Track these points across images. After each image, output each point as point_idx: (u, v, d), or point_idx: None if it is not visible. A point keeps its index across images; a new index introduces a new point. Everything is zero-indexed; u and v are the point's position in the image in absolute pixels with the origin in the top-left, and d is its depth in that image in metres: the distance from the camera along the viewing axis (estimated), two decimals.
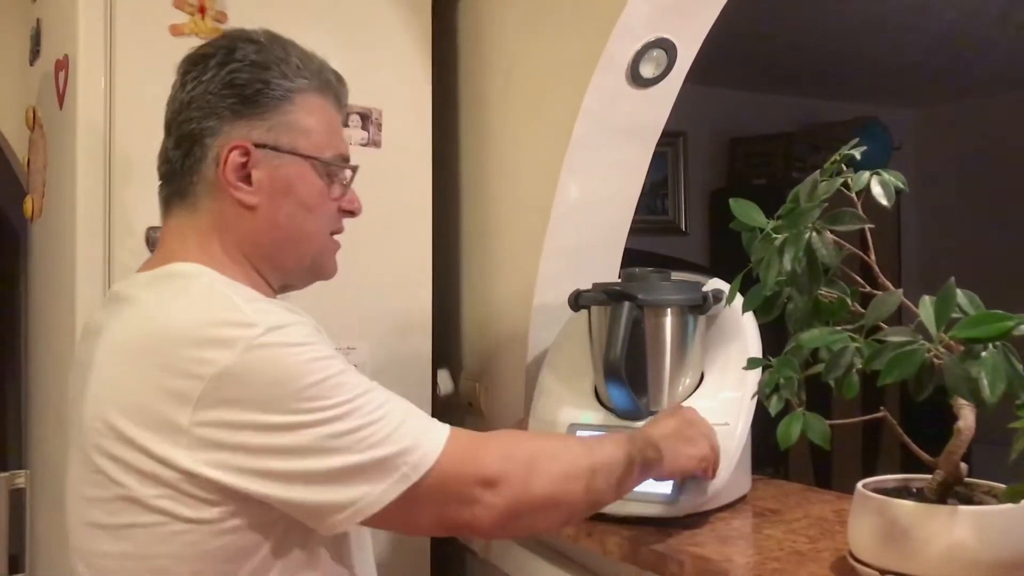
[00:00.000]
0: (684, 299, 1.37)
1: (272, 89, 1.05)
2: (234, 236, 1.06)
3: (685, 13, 1.48)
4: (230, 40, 1.07)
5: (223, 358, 0.89)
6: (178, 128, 1.05)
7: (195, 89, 1.04)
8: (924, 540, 0.94)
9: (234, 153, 1.03)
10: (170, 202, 1.08)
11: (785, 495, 1.45)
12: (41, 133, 1.80)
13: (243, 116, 1.04)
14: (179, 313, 0.95)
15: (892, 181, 0.97)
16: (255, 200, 1.05)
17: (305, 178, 1.07)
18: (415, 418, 0.97)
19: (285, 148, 1.06)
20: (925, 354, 0.84)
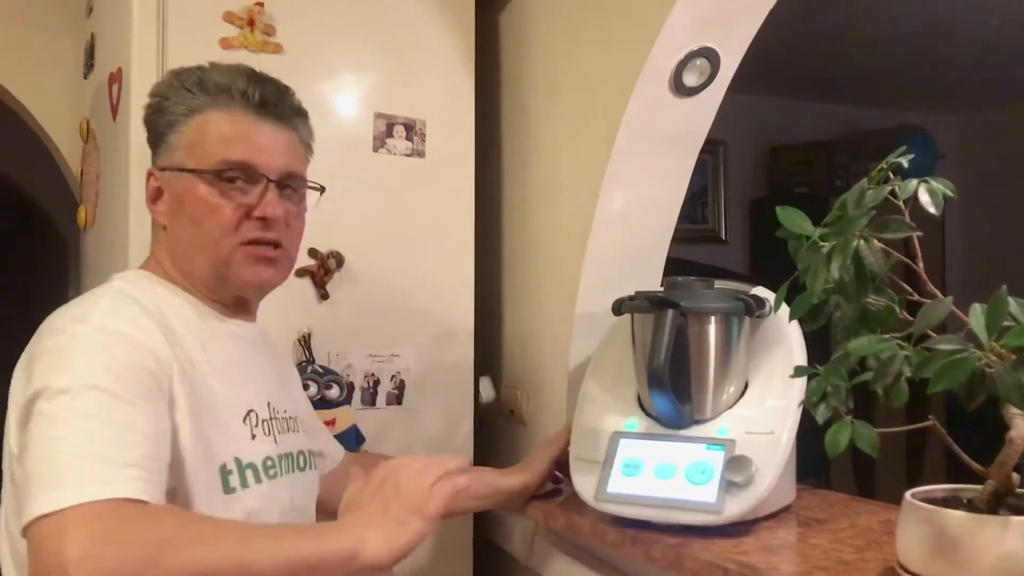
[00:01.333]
0: (728, 307, 1.37)
1: (164, 115, 1.17)
2: (166, 252, 1.19)
3: (728, 22, 1.48)
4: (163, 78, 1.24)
5: (54, 340, 1.01)
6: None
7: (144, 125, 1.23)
8: (975, 551, 0.93)
9: (150, 179, 1.19)
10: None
11: (830, 505, 1.44)
12: (94, 145, 1.85)
13: (155, 148, 1.19)
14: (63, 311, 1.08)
15: (940, 189, 0.97)
16: (165, 220, 1.18)
17: (192, 191, 1.15)
18: (108, 461, 0.90)
19: (176, 166, 1.16)
20: (976, 362, 0.83)
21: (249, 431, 1.14)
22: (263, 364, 1.26)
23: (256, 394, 1.19)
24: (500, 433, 1.92)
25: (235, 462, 1.10)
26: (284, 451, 1.20)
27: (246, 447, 1.13)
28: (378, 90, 1.72)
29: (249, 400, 1.16)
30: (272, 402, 1.22)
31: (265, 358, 1.27)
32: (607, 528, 1.36)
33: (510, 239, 1.91)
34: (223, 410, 1.11)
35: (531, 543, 1.67)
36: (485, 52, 1.90)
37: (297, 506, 1.21)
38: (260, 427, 1.16)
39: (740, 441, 1.31)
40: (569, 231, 1.68)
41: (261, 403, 1.19)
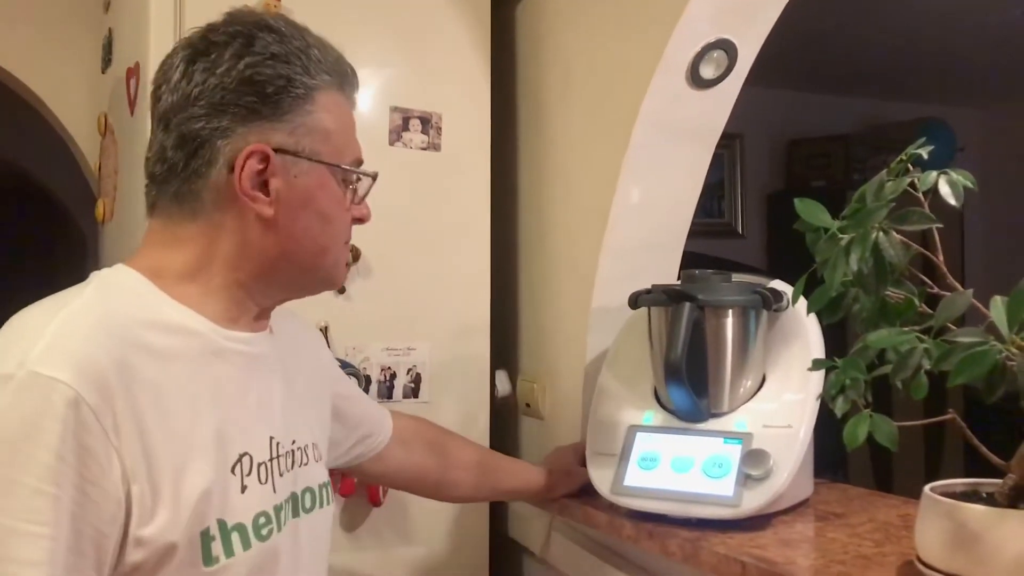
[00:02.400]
0: (745, 300, 1.36)
1: (295, 87, 0.94)
2: (231, 250, 0.94)
3: (746, 14, 1.47)
4: (247, 27, 0.94)
5: None
6: (181, 125, 0.93)
7: (206, 81, 0.92)
8: (995, 545, 0.93)
9: (252, 159, 0.92)
10: (158, 205, 0.97)
11: (848, 499, 1.43)
12: (112, 139, 1.86)
13: (261, 117, 0.92)
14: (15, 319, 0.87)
15: (960, 180, 0.96)
16: (271, 211, 0.94)
17: (325, 187, 0.97)
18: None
19: (306, 154, 0.95)
20: (997, 355, 0.82)
21: (239, 482, 0.92)
22: (270, 384, 1.02)
23: (254, 432, 0.97)
24: (516, 427, 1.92)
25: (218, 525, 0.88)
26: (285, 496, 0.99)
27: (233, 503, 0.91)
28: (394, 84, 1.72)
29: (242, 443, 0.94)
30: (276, 435, 0.99)
31: (274, 375, 1.03)
32: (623, 522, 1.36)
33: (526, 232, 1.91)
34: (203, 465, 0.88)
35: (547, 536, 1.67)
36: (501, 45, 1.89)
37: (298, 558, 1.01)
38: (255, 473, 0.94)
39: (757, 435, 1.31)
40: (585, 224, 1.68)
41: (260, 442, 0.97)
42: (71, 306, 0.86)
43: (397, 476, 1.40)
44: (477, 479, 1.48)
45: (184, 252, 0.94)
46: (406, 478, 1.41)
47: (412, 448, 1.39)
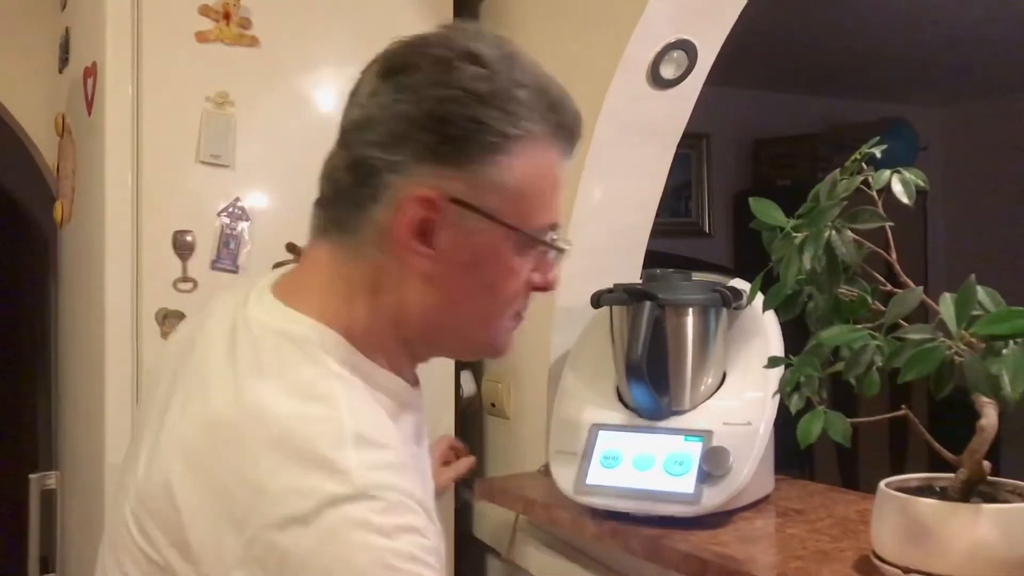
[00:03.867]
0: (705, 298, 1.37)
1: (487, 133, 0.78)
2: (393, 302, 0.82)
3: (705, 14, 1.48)
4: (452, 51, 0.80)
5: (290, 509, 0.68)
6: (357, 147, 0.81)
7: (393, 105, 0.79)
8: (947, 538, 0.94)
9: (417, 205, 0.78)
10: (328, 229, 0.84)
11: (809, 495, 1.45)
12: (70, 139, 1.84)
13: (439, 160, 0.78)
14: (266, 412, 0.73)
15: (913, 179, 0.97)
16: (430, 267, 0.80)
17: (498, 252, 0.82)
18: None
19: (486, 210, 0.80)
20: (945, 351, 0.84)
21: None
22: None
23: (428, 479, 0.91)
24: (482, 427, 1.92)
25: None
26: None
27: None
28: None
29: (428, 498, 0.85)
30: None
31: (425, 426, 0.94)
32: (587, 521, 1.36)
33: None
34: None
35: (512, 536, 1.67)
36: None
37: None
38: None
39: (718, 432, 1.31)
40: None
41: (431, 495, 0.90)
42: (346, 420, 0.73)
43: None
44: None
45: (360, 303, 0.82)
46: None
47: None
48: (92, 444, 1.59)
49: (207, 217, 1.57)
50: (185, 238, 1.55)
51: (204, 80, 1.57)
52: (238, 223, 1.59)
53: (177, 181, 1.57)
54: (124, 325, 1.52)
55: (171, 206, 1.56)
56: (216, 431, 0.75)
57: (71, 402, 1.89)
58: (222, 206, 1.58)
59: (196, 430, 0.76)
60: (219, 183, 1.58)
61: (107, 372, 1.51)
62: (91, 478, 1.60)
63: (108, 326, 1.51)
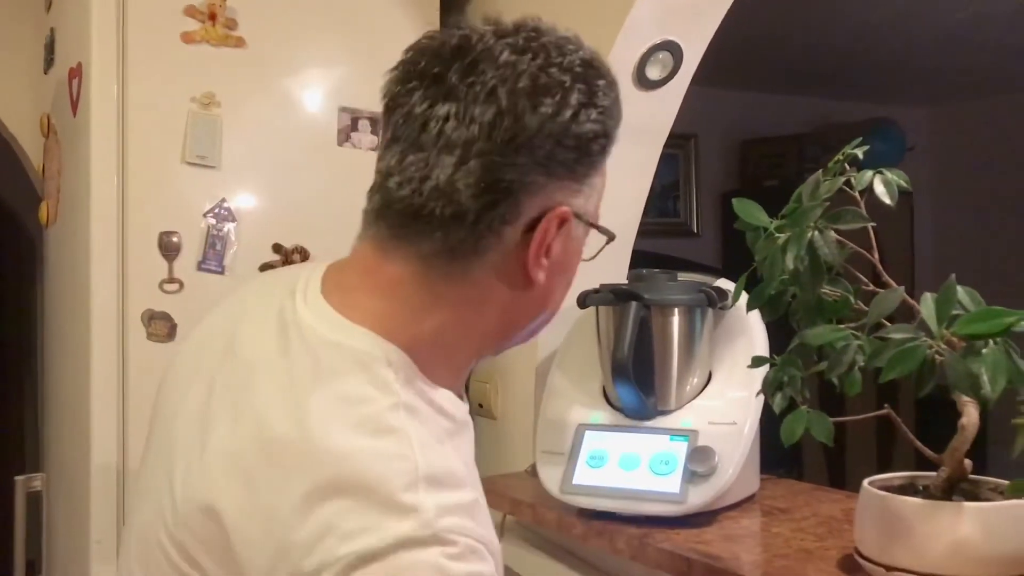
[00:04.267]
0: (690, 298, 1.38)
1: (608, 147, 0.80)
2: (496, 322, 0.80)
3: (690, 15, 1.49)
4: (584, 68, 0.77)
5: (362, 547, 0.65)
6: (487, 168, 0.73)
7: (542, 128, 0.74)
8: (929, 536, 0.95)
9: (554, 223, 0.76)
10: (415, 247, 0.76)
11: (794, 494, 1.45)
12: (55, 140, 1.83)
13: (573, 176, 0.78)
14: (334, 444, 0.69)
15: (895, 180, 0.98)
16: (543, 278, 0.78)
17: (580, 248, 0.84)
18: None
19: (589, 218, 0.82)
20: (926, 350, 0.84)
21: None
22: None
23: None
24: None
25: None
26: None
27: None
28: (342, 84, 1.72)
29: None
30: None
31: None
32: (573, 520, 1.36)
33: None
34: None
35: (500, 535, 1.67)
36: None
37: None
38: None
39: (703, 432, 1.32)
40: None
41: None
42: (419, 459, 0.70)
43: None
44: None
45: (437, 315, 0.77)
46: None
47: None
48: (78, 446, 1.58)
49: (193, 218, 1.57)
50: (171, 239, 1.55)
51: (190, 81, 1.57)
52: (224, 224, 1.58)
53: (163, 182, 1.56)
54: (110, 326, 1.51)
55: (157, 207, 1.55)
56: (273, 452, 0.70)
57: (57, 404, 1.88)
58: (208, 207, 1.58)
59: (249, 449, 0.72)
60: (205, 184, 1.58)
61: (92, 373, 1.51)
62: (77, 480, 1.59)
63: (94, 327, 1.51)
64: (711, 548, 1.18)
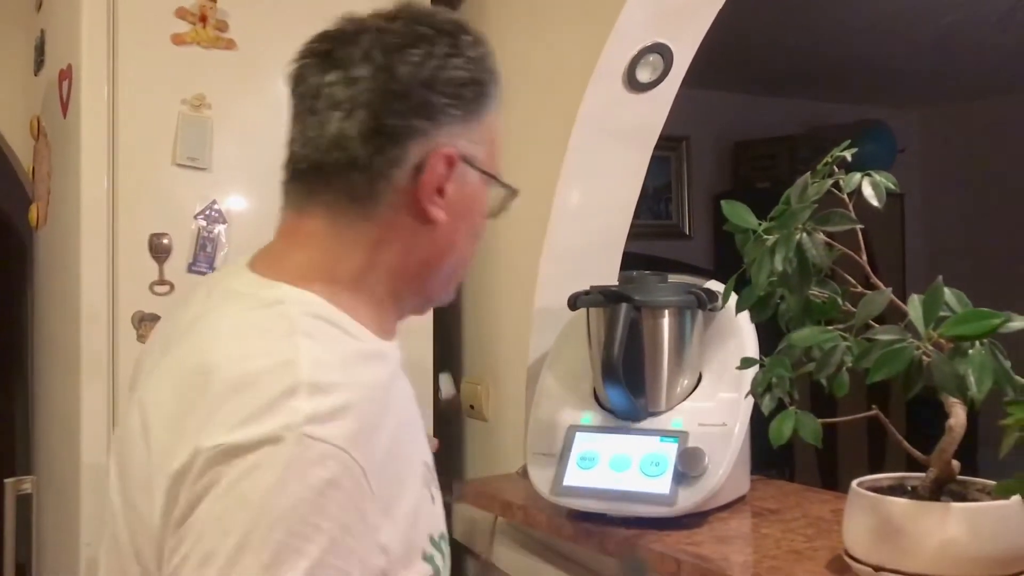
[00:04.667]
0: (680, 300, 1.38)
1: (485, 95, 0.89)
2: (397, 253, 0.87)
3: (681, 18, 1.50)
4: (448, 24, 0.89)
5: (233, 440, 0.71)
6: (374, 117, 0.84)
7: (413, 76, 0.84)
8: (917, 537, 0.95)
9: (441, 163, 0.86)
10: (321, 198, 0.86)
11: (784, 495, 1.46)
12: (45, 142, 1.83)
13: (454, 120, 0.87)
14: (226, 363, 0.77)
15: (883, 182, 0.98)
16: (443, 217, 0.87)
17: (482, 199, 0.93)
18: None
19: (481, 164, 0.90)
20: (914, 352, 0.85)
21: (429, 492, 0.88)
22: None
23: (423, 437, 0.94)
24: (461, 429, 1.92)
25: (430, 542, 0.85)
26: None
27: (433, 515, 0.88)
28: None
29: (423, 450, 0.91)
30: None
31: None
32: (564, 521, 1.37)
33: None
34: (411, 484, 0.83)
35: (491, 537, 1.67)
36: None
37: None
38: (432, 481, 0.91)
39: (693, 433, 1.32)
40: (526, 226, 1.69)
41: (426, 447, 0.93)
42: (303, 354, 0.76)
43: None
44: None
45: (351, 257, 0.86)
46: None
47: None
48: (68, 449, 1.58)
49: (184, 220, 1.57)
50: (161, 241, 1.55)
51: (180, 82, 1.56)
52: (215, 226, 1.58)
53: (153, 184, 1.56)
54: (100, 328, 1.51)
55: (147, 209, 1.55)
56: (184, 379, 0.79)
57: (47, 406, 1.88)
58: (199, 209, 1.58)
59: (166, 380, 0.81)
60: (196, 186, 1.58)
61: (83, 375, 1.50)
62: (67, 483, 1.59)
63: (84, 329, 1.51)
64: (701, 549, 1.18)
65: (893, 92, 4.57)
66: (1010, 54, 3.77)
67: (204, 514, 0.70)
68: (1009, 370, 0.83)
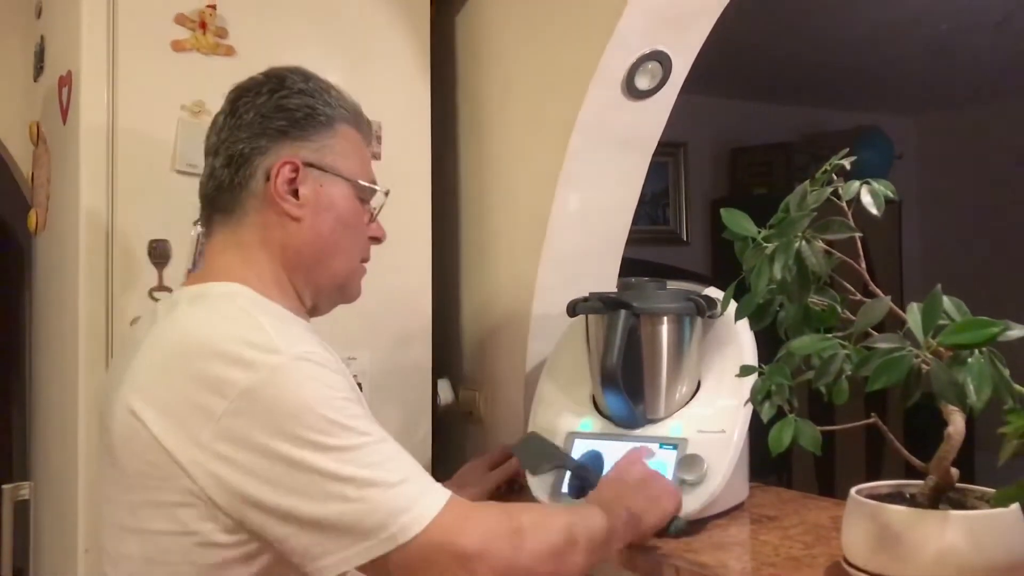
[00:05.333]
0: (679, 307, 1.38)
1: (318, 114, 1.14)
2: (277, 247, 1.12)
3: (679, 25, 1.50)
4: (278, 72, 1.16)
5: (246, 379, 0.94)
6: (228, 148, 1.12)
7: (247, 113, 1.12)
8: (916, 545, 0.95)
9: (285, 168, 1.11)
10: (214, 219, 1.15)
11: (783, 502, 1.46)
12: (45, 148, 1.83)
13: (291, 137, 1.12)
14: (210, 328, 1.01)
15: (881, 190, 0.98)
16: (301, 213, 1.12)
17: (345, 198, 1.16)
18: (415, 478, 0.98)
19: (329, 168, 1.14)
20: (913, 360, 0.85)
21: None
22: None
23: None
24: (459, 435, 1.92)
25: None
26: None
27: None
28: None
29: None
30: None
31: None
32: None
33: (467, 240, 1.91)
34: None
35: None
36: (441, 53, 1.90)
37: None
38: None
39: (692, 440, 1.33)
40: (525, 232, 1.69)
41: None
42: (263, 320, 1.02)
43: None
44: None
45: (248, 259, 1.12)
46: None
47: None
48: (65, 454, 1.57)
49: (183, 226, 1.56)
50: (161, 247, 1.55)
51: (180, 89, 1.56)
52: None
53: (153, 190, 1.56)
54: (98, 334, 1.51)
55: (146, 215, 1.55)
56: (161, 362, 1.01)
57: (44, 412, 1.88)
58: (198, 215, 1.57)
59: (141, 371, 1.02)
60: (195, 192, 1.54)
61: (80, 381, 1.50)
62: (65, 489, 1.58)
63: (82, 335, 1.50)
64: (700, 556, 1.18)
65: (890, 98, 4.58)
66: (1006, 61, 3.78)
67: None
68: (1008, 378, 0.83)
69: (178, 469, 0.95)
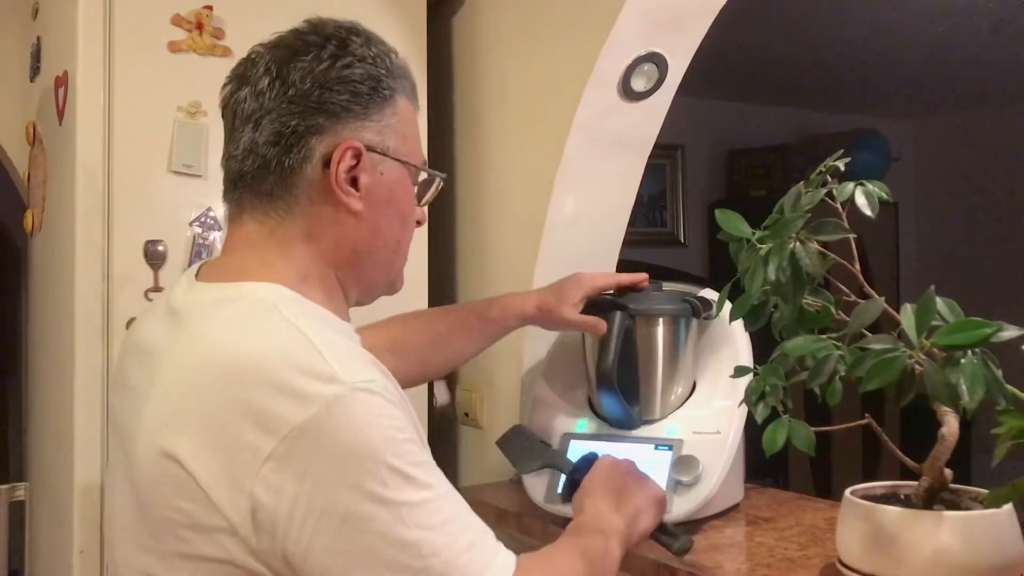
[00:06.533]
0: (675, 309, 1.39)
1: (383, 88, 0.96)
2: (329, 243, 0.96)
3: (675, 28, 1.50)
4: (336, 33, 0.97)
5: (300, 414, 0.79)
6: (275, 122, 0.93)
7: (303, 83, 0.93)
8: (910, 545, 0.95)
9: (347, 155, 0.93)
10: (247, 202, 0.96)
11: (778, 503, 1.46)
12: (41, 148, 1.83)
13: (353, 115, 0.94)
14: (249, 347, 0.84)
15: (875, 192, 0.99)
16: (360, 206, 0.95)
17: (404, 186, 1.01)
18: (482, 538, 0.87)
19: (391, 153, 0.98)
20: (906, 361, 0.85)
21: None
22: None
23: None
24: (455, 436, 1.92)
25: None
26: None
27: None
28: None
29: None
30: None
31: None
32: (558, 530, 1.35)
33: (463, 242, 1.91)
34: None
35: None
36: (438, 55, 1.90)
37: None
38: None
39: (687, 441, 1.33)
40: (521, 234, 1.69)
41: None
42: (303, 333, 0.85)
43: None
44: (433, 359, 1.46)
45: (289, 253, 0.95)
46: None
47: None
48: (62, 456, 1.57)
49: (179, 227, 1.57)
50: (157, 248, 1.55)
51: (176, 90, 1.56)
52: (210, 233, 1.58)
53: (149, 191, 1.56)
54: (94, 335, 1.51)
55: (143, 216, 1.55)
56: (192, 387, 0.84)
57: (41, 413, 1.87)
58: (194, 216, 1.58)
59: (170, 398, 0.86)
60: (191, 193, 1.58)
61: (76, 382, 1.50)
62: (61, 490, 1.58)
63: (78, 336, 1.50)
64: (695, 557, 1.18)
65: (887, 101, 4.59)
66: (1004, 63, 3.79)
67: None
68: (1001, 379, 0.83)
69: (220, 518, 0.81)
